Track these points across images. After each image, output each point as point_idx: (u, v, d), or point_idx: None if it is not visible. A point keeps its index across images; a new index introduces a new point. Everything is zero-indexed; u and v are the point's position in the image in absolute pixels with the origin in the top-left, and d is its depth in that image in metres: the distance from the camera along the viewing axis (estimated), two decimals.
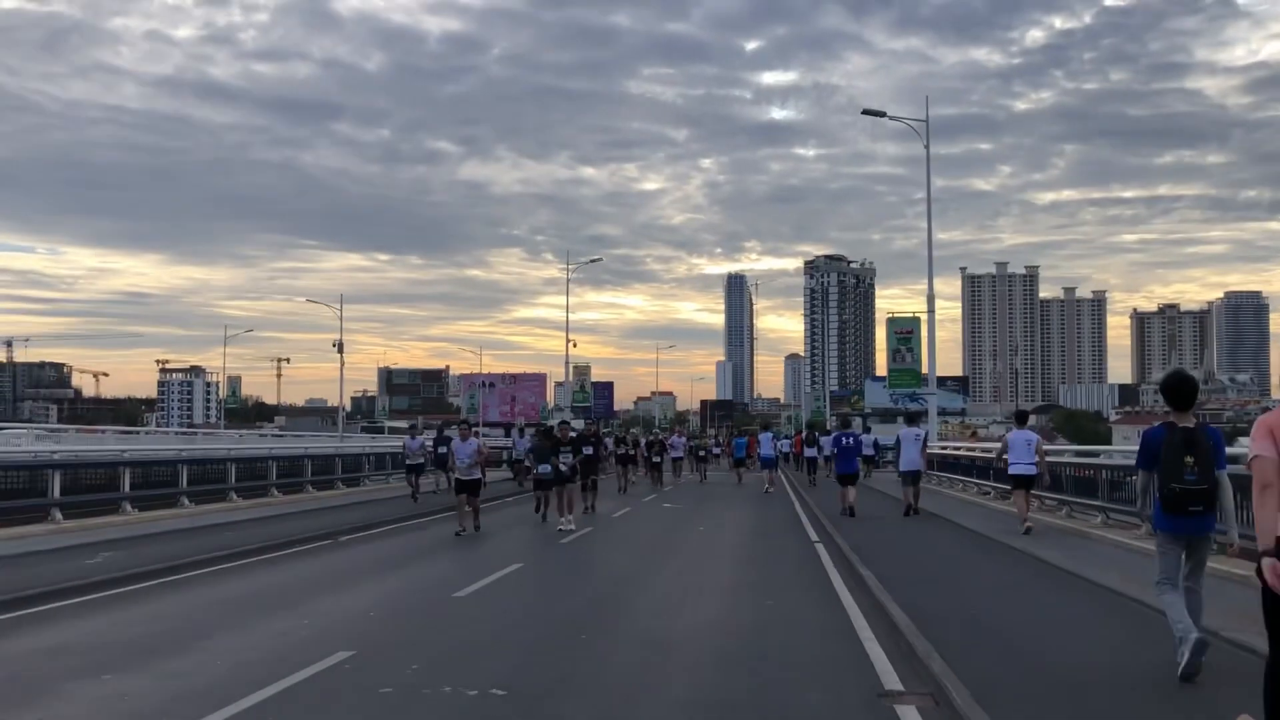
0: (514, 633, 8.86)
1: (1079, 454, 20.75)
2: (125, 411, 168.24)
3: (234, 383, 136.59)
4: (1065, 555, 12.87)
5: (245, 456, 25.43)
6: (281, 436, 57.32)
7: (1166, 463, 6.44)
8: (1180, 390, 6.60)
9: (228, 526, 17.62)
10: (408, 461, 25.48)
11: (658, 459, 33.36)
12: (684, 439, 40.20)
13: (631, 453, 32.12)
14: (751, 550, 15.52)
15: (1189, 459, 6.33)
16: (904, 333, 38.91)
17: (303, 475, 26.49)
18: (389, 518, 20.14)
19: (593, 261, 69.27)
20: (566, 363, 65.43)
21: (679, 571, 13.13)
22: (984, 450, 26.76)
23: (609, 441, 33.81)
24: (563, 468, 18.94)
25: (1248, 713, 5.06)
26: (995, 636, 8.15)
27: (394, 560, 14.32)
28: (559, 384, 68.09)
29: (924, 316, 37.66)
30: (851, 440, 21.56)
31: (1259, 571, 4.35)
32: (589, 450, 21.48)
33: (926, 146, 35.29)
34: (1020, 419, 17.43)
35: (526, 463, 22.81)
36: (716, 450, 44.49)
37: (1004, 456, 16.32)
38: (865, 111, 36.17)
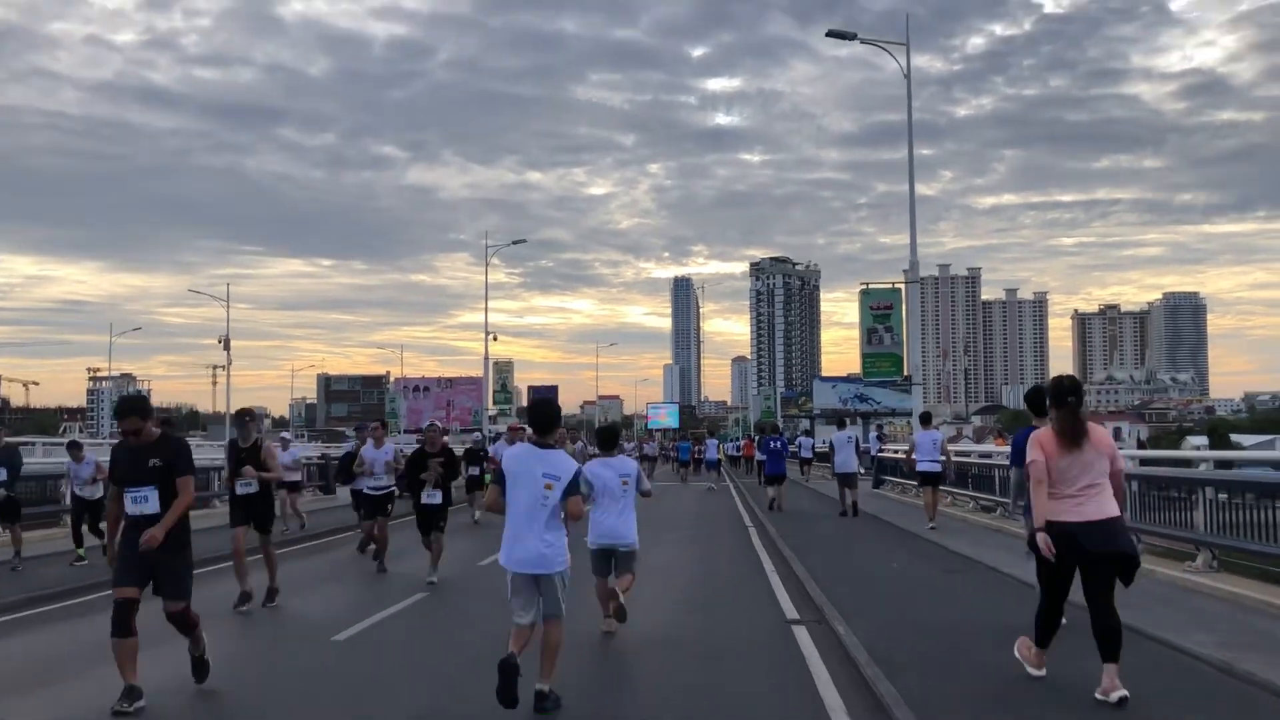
0: None
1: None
2: (36, 420, 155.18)
3: (121, 387, 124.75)
4: None
5: None
6: None
7: None
8: (1037, 401, 7.90)
9: None
10: (76, 491, 14.79)
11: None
12: (580, 445, 27.41)
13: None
14: (685, 671, 7.54)
15: None
16: (881, 308, 31.84)
17: None
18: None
19: (515, 243, 60.95)
20: (486, 360, 57.46)
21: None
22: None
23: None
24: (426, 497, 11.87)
25: (1025, 635, 6.42)
26: None
27: None
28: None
29: (904, 288, 30.49)
30: (778, 444, 23.22)
31: (1031, 543, 5.95)
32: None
33: (907, 75, 28.36)
34: (924, 420, 18.57)
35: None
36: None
37: (912, 456, 17.57)
38: (830, 33, 29.27)
